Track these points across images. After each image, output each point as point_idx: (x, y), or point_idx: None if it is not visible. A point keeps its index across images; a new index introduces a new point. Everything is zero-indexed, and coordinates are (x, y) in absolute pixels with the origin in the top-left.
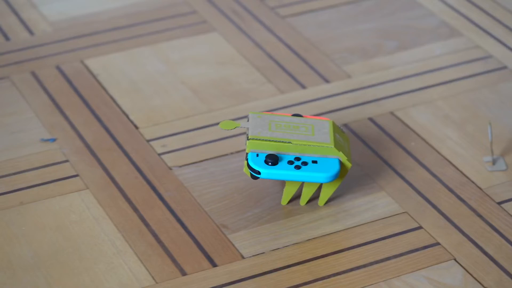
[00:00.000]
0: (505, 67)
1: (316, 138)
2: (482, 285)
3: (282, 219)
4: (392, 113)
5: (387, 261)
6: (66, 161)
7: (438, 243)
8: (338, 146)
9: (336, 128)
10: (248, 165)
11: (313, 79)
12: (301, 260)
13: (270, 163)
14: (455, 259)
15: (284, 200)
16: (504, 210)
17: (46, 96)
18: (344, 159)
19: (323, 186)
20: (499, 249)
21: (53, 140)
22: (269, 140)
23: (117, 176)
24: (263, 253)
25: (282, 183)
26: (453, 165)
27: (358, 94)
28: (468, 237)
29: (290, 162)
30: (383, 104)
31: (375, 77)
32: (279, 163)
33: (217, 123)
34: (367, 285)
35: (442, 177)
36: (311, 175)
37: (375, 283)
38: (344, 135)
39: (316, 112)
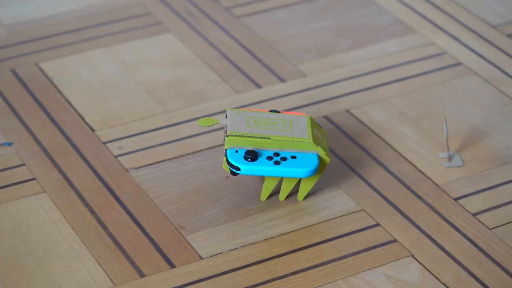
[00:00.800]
0: (459, 64)
1: (294, 134)
2: (440, 281)
3: (240, 219)
4: (347, 111)
5: (345, 259)
6: (23, 164)
7: (395, 240)
8: (316, 141)
9: (313, 123)
10: (227, 161)
11: (269, 78)
12: (259, 260)
13: (249, 159)
14: (412, 256)
15: (263, 196)
16: (461, 206)
17: (1, 99)
18: (322, 154)
19: (302, 181)
20: (456, 245)
21: (9, 144)
22: (248, 136)
23: (74, 179)
24: (221, 253)
25: (242, 182)
26: (409, 162)
27: (314, 93)
28: (425, 233)
29: (269, 158)
30: (338, 102)
31: (330, 76)
32: (258, 159)
33: (173, 124)
34: (325, 283)
35: (399, 174)
36: (290, 171)
37: (333, 281)
38: (322, 130)
39: None
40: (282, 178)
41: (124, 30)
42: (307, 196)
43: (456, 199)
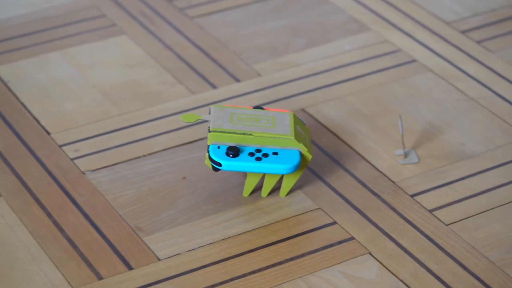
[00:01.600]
0: (414, 61)
1: (276, 130)
2: (398, 278)
3: (197, 220)
4: (303, 110)
5: (303, 257)
6: None
7: (352, 238)
8: (298, 137)
9: (297, 120)
10: (209, 157)
11: (224, 78)
12: (217, 260)
13: (231, 155)
14: (370, 253)
15: (246, 192)
16: (417, 202)
17: None
18: (304, 150)
19: (284, 177)
20: (413, 241)
21: None
22: (230, 132)
23: (30, 183)
24: (179, 254)
25: (199, 183)
26: (365, 160)
27: (269, 92)
28: (382, 230)
29: (251, 154)
30: (294, 101)
31: (285, 75)
32: (240, 155)
33: (129, 126)
34: (283, 282)
35: (355, 172)
36: (272, 167)
37: (291, 280)
38: (305, 127)
39: None
40: (264, 174)
41: (79, 33)
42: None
43: (412, 195)
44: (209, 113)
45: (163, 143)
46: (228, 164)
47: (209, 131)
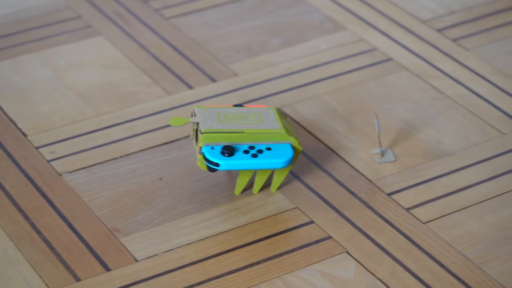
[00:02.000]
0: (390, 59)
1: (266, 126)
2: (375, 276)
3: (174, 220)
4: (279, 109)
5: (280, 257)
6: None
7: (330, 237)
8: (288, 131)
9: (280, 114)
10: (205, 158)
11: (200, 79)
12: (194, 260)
13: (227, 154)
14: (347, 252)
15: (238, 191)
16: (394, 201)
17: None
18: (295, 143)
19: (275, 172)
20: (391, 240)
21: None
22: (222, 132)
23: (7, 185)
24: (156, 255)
25: (175, 184)
26: (342, 159)
27: (245, 92)
28: (359, 229)
29: (246, 152)
30: (270, 100)
31: (261, 75)
32: (236, 154)
33: (105, 127)
34: (261, 282)
35: (332, 171)
36: (268, 162)
37: (269, 280)
38: (287, 119)
39: None
40: (255, 171)
41: (54, 34)
42: (240, 196)
43: (389, 194)
44: (193, 115)
45: (139, 144)
46: (226, 163)
47: (201, 133)
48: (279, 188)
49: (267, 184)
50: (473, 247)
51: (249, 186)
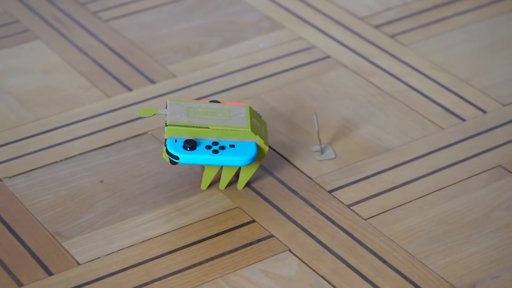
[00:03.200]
0: (328, 57)
1: (233, 123)
2: (318, 274)
3: (116, 223)
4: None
5: (223, 257)
6: None
7: (272, 235)
8: (254, 130)
9: (253, 113)
10: (166, 150)
11: (139, 80)
12: (137, 262)
13: (188, 148)
14: (289, 250)
15: (204, 185)
16: (335, 198)
17: None
18: (261, 142)
19: (241, 170)
20: (332, 237)
21: None
22: (187, 126)
23: None
24: (99, 258)
25: (116, 186)
26: (283, 157)
27: (184, 93)
28: (301, 227)
29: (208, 147)
30: None
31: (200, 75)
32: (197, 148)
33: (45, 131)
34: (204, 282)
35: (272, 170)
36: (228, 159)
37: (212, 280)
38: (261, 119)
39: None
40: (222, 166)
41: None
42: (181, 197)
43: (330, 191)
44: (166, 107)
45: (79, 147)
46: (186, 157)
47: (166, 125)
48: (246, 185)
49: (234, 180)
50: (414, 242)
51: (216, 181)
